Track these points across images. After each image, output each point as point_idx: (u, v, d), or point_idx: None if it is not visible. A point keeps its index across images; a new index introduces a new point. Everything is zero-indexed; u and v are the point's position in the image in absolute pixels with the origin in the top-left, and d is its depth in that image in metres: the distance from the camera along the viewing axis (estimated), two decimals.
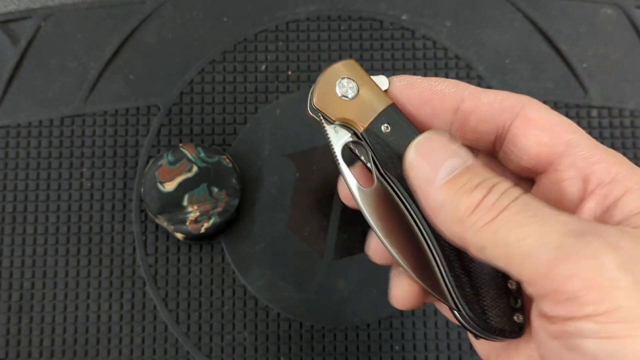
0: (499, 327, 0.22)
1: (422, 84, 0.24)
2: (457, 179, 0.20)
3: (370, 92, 0.24)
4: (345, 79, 0.25)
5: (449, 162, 0.21)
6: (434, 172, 0.21)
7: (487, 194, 0.20)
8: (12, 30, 0.43)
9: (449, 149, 0.21)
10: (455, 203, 0.20)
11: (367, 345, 0.39)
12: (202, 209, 0.38)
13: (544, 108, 0.23)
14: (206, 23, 0.43)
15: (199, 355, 0.39)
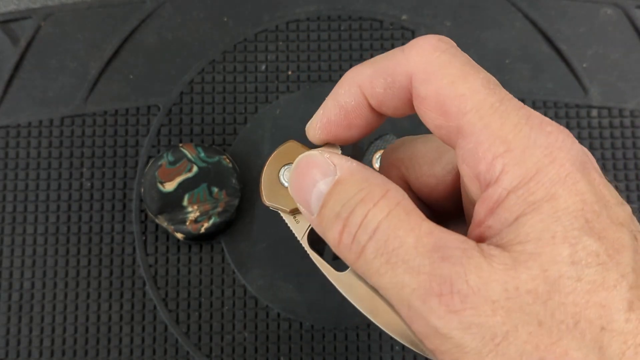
0: None
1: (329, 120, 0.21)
2: (323, 208, 0.19)
3: None
4: (288, 166, 0.23)
5: (316, 188, 0.19)
6: (307, 205, 0.19)
7: (343, 228, 0.18)
8: (12, 30, 0.43)
9: (315, 170, 0.19)
10: (326, 239, 0.19)
11: (367, 345, 0.39)
12: (202, 209, 0.38)
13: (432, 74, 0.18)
14: (206, 23, 0.43)
15: (199, 355, 0.39)
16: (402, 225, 0.17)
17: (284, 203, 0.23)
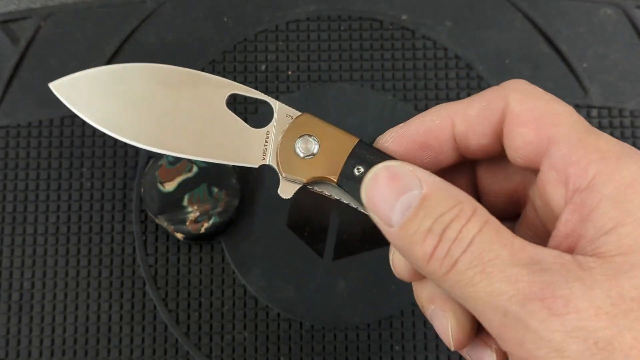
0: None
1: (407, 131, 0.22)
2: (409, 222, 0.19)
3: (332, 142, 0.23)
4: (303, 137, 0.24)
5: (401, 201, 0.19)
6: (387, 217, 0.19)
7: (438, 243, 0.18)
8: (12, 30, 0.43)
9: (399, 184, 0.19)
10: (411, 252, 0.19)
11: (367, 345, 0.39)
12: (202, 209, 0.38)
13: (530, 95, 0.20)
14: (206, 23, 0.43)
15: (199, 355, 0.39)
16: (495, 240, 0.18)
17: (300, 174, 0.24)
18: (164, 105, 0.25)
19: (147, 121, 0.25)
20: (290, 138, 0.24)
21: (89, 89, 0.25)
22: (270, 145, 0.25)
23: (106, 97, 0.25)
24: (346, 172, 0.23)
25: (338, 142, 0.23)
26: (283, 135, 0.24)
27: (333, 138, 0.24)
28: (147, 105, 0.25)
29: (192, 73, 0.25)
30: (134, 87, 0.25)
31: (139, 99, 0.25)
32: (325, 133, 0.24)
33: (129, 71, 0.25)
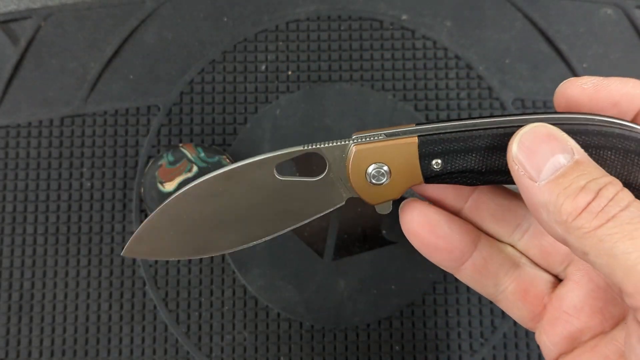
0: None
1: (608, 85, 0.23)
2: (561, 178, 0.19)
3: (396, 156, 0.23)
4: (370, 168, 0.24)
5: (553, 160, 0.20)
6: (537, 170, 0.20)
7: (593, 199, 0.19)
8: (12, 30, 0.43)
9: (555, 143, 0.20)
10: (558, 205, 0.19)
11: (367, 345, 0.39)
12: None
13: None
14: (206, 23, 0.43)
15: (199, 355, 0.39)
16: None
17: (387, 196, 0.24)
18: (226, 211, 0.25)
19: (221, 232, 0.25)
20: (359, 175, 0.24)
21: (154, 238, 0.26)
22: (342, 184, 0.25)
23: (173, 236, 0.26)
24: (427, 172, 0.23)
25: (402, 153, 0.23)
26: (350, 175, 0.24)
27: (395, 152, 0.23)
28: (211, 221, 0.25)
29: (231, 172, 0.25)
30: (188, 215, 0.26)
31: (200, 221, 0.25)
32: (384, 152, 0.23)
33: (174, 206, 0.26)
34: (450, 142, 0.23)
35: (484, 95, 0.42)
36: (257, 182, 0.25)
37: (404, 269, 0.39)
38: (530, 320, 0.25)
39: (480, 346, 0.39)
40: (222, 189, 0.25)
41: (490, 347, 0.39)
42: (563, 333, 0.24)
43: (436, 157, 0.23)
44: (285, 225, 0.25)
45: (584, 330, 0.24)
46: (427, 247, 0.25)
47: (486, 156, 0.23)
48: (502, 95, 0.42)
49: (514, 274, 0.25)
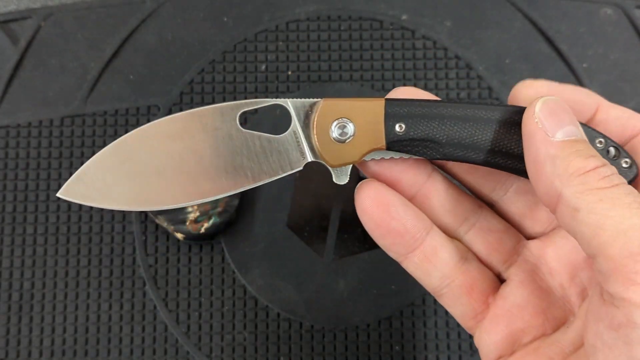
0: None
1: (562, 91, 0.24)
2: (574, 142, 0.21)
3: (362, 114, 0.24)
4: (336, 122, 0.24)
5: (569, 127, 0.21)
6: (553, 129, 0.21)
7: (601, 166, 0.20)
8: (12, 30, 0.43)
9: (572, 117, 0.22)
10: (568, 160, 0.20)
11: (367, 345, 0.39)
12: (202, 209, 0.38)
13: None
14: (206, 23, 0.43)
15: (199, 355, 0.39)
16: None
17: (348, 158, 0.24)
18: (182, 157, 0.24)
19: (175, 180, 0.24)
20: (323, 129, 0.24)
21: (98, 179, 0.24)
22: (303, 143, 0.24)
23: (120, 178, 0.24)
24: (390, 134, 0.24)
25: (369, 112, 0.24)
26: (315, 128, 0.24)
27: (362, 110, 0.24)
28: (167, 164, 0.24)
29: (193, 113, 0.24)
30: (142, 155, 0.24)
31: (155, 163, 0.24)
32: (352, 109, 0.24)
33: (127, 143, 0.24)
34: (416, 107, 0.24)
35: (484, 95, 0.42)
36: (218, 129, 0.24)
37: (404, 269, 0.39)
38: (472, 318, 0.25)
39: None
40: (182, 131, 0.24)
41: None
42: (505, 331, 0.24)
43: (400, 120, 0.23)
44: (239, 184, 0.24)
45: (525, 330, 0.24)
46: (379, 228, 0.24)
47: (448, 126, 0.23)
48: (502, 95, 0.42)
49: (462, 267, 0.25)
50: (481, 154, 0.23)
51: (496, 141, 0.23)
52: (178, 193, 0.24)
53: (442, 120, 0.23)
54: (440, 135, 0.23)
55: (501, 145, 0.23)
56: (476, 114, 0.23)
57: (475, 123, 0.23)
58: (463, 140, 0.23)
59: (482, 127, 0.23)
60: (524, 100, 0.23)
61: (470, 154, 0.23)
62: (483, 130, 0.23)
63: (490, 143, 0.23)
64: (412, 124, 0.23)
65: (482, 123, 0.23)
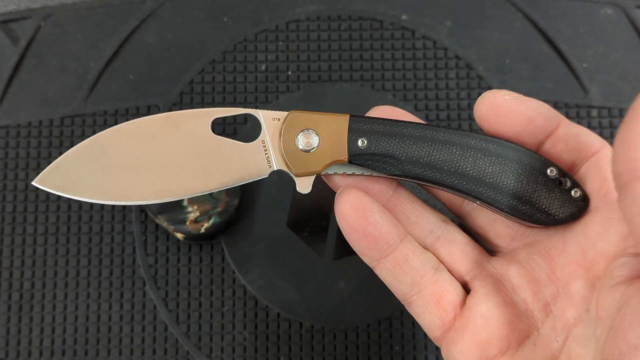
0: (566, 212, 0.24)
1: (528, 102, 0.24)
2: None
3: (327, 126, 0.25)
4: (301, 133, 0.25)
5: None
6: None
7: None
8: (12, 30, 0.43)
9: None
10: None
11: (367, 345, 0.39)
12: (202, 209, 0.38)
13: None
14: (206, 23, 0.43)
15: (199, 355, 0.39)
16: None
17: (311, 167, 0.25)
18: (155, 156, 0.25)
19: (146, 177, 0.25)
20: (289, 138, 0.25)
21: (73, 171, 0.25)
22: (270, 152, 0.26)
23: (94, 172, 0.25)
24: (352, 148, 0.25)
25: (333, 125, 0.25)
26: (282, 137, 0.25)
27: (327, 123, 0.25)
28: (140, 162, 0.25)
29: (169, 115, 0.26)
30: (118, 151, 0.25)
31: (129, 160, 0.25)
32: (318, 121, 0.25)
33: (104, 139, 0.25)
34: (378, 125, 0.25)
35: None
36: (191, 133, 0.25)
37: None
38: (440, 327, 0.26)
39: None
40: (158, 132, 0.25)
41: None
42: (470, 342, 0.25)
43: (363, 136, 0.25)
44: (208, 185, 0.25)
45: (490, 342, 0.25)
46: (355, 232, 0.25)
47: (408, 144, 0.25)
48: None
49: (432, 277, 0.26)
50: (438, 174, 0.25)
51: (452, 162, 0.25)
52: (148, 190, 0.25)
53: (402, 139, 0.25)
54: (399, 153, 0.25)
55: (457, 166, 0.25)
56: (435, 135, 0.25)
57: (433, 143, 0.25)
58: (421, 158, 0.25)
59: (439, 148, 0.25)
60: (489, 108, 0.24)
61: (427, 173, 0.25)
62: (440, 151, 0.25)
63: (447, 164, 0.25)
64: (373, 140, 0.25)
65: (440, 144, 0.25)
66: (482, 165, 0.24)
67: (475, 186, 0.25)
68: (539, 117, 0.24)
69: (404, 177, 0.25)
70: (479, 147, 0.25)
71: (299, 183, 0.26)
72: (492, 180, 0.24)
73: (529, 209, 0.24)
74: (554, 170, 0.24)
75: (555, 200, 0.24)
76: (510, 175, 0.24)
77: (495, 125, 0.25)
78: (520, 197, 0.24)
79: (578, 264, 0.23)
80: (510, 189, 0.24)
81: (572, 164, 0.25)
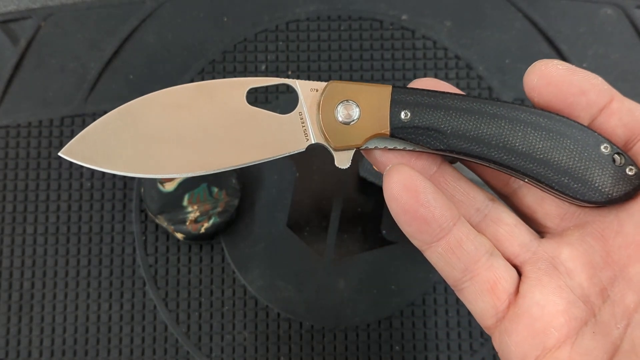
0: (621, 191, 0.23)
1: (581, 73, 0.23)
2: None
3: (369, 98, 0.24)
4: (341, 104, 0.24)
5: None
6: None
7: None
8: (12, 30, 0.43)
9: None
10: None
11: (367, 345, 0.39)
12: (202, 209, 0.38)
13: None
14: (206, 23, 0.43)
15: (199, 355, 0.39)
16: None
17: (351, 140, 0.24)
18: (188, 126, 0.24)
19: (181, 149, 0.24)
20: (329, 109, 0.24)
21: (101, 141, 0.24)
22: (308, 124, 0.24)
23: (124, 143, 0.24)
24: (395, 120, 0.24)
25: (375, 97, 0.24)
26: (320, 108, 0.24)
27: (368, 94, 0.24)
28: (171, 133, 0.24)
29: (202, 85, 0.24)
30: (149, 122, 0.24)
31: (160, 130, 0.24)
32: (359, 92, 0.24)
33: (134, 108, 0.24)
34: (422, 96, 0.24)
35: (484, 95, 0.42)
36: (226, 103, 0.24)
37: (404, 269, 0.39)
38: (493, 316, 0.25)
39: (480, 346, 0.39)
40: (191, 101, 0.24)
41: (490, 347, 0.39)
42: (525, 332, 0.23)
43: (406, 108, 0.24)
44: (243, 158, 0.24)
45: (547, 331, 0.23)
46: (406, 214, 0.24)
47: (454, 117, 0.23)
48: (502, 95, 0.42)
49: (487, 262, 0.25)
50: (485, 148, 0.23)
51: (501, 137, 0.23)
52: (180, 162, 0.24)
53: (448, 111, 0.23)
54: (445, 126, 0.23)
55: (505, 141, 0.23)
56: (482, 108, 0.23)
57: (480, 117, 0.23)
58: (468, 132, 0.23)
59: (487, 122, 0.23)
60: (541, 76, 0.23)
61: (474, 147, 0.23)
62: (488, 125, 0.23)
63: (494, 138, 0.23)
64: (417, 112, 0.23)
65: (488, 117, 0.23)
66: (532, 140, 0.23)
67: (525, 162, 0.23)
68: (593, 88, 0.23)
69: (449, 152, 0.24)
70: (528, 120, 0.23)
71: (338, 157, 0.24)
72: (542, 156, 0.23)
73: (580, 186, 0.23)
74: (608, 147, 0.23)
75: (609, 177, 0.23)
76: (561, 151, 0.23)
77: (546, 96, 0.23)
78: (571, 174, 0.23)
79: (637, 245, 0.22)
80: (562, 165, 0.23)
81: (626, 140, 0.24)
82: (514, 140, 0.23)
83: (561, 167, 0.23)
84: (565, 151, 0.23)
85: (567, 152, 0.23)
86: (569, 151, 0.23)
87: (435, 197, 0.24)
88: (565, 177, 0.23)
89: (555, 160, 0.23)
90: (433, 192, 0.24)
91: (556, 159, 0.23)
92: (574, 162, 0.23)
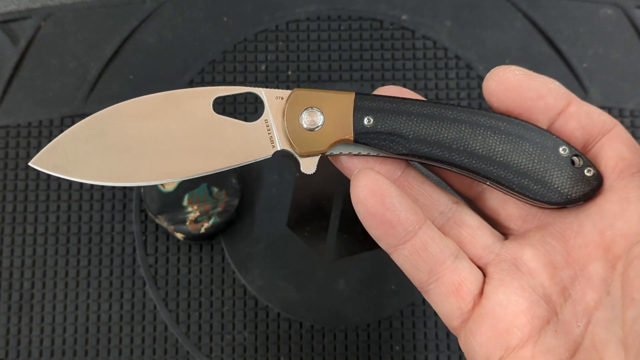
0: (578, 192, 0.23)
1: (538, 78, 0.24)
2: None
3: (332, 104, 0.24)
4: (305, 111, 0.24)
5: None
6: None
7: None
8: (12, 30, 0.43)
9: None
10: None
11: (367, 345, 0.39)
12: (202, 209, 0.38)
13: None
14: (206, 23, 0.43)
15: (199, 355, 0.39)
16: None
17: (316, 146, 0.25)
18: (155, 135, 0.25)
19: (147, 158, 0.24)
20: (293, 116, 0.25)
21: (71, 151, 0.24)
22: (274, 131, 0.25)
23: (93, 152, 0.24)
24: (358, 126, 0.24)
25: (338, 103, 0.25)
26: (285, 115, 0.25)
27: (332, 101, 0.25)
28: (139, 142, 0.25)
29: (169, 95, 0.25)
30: (117, 131, 0.25)
31: (128, 140, 0.25)
32: (322, 99, 0.25)
33: (103, 118, 0.25)
34: (384, 102, 0.24)
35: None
36: (192, 113, 0.25)
37: None
38: (458, 317, 0.25)
39: None
40: (158, 111, 0.25)
41: None
42: (491, 331, 0.24)
43: (369, 114, 0.24)
44: (210, 165, 0.25)
45: (510, 331, 0.24)
46: (372, 218, 0.24)
47: (415, 122, 0.24)
48: None
49: (452, 264, 0.25)
50: (446, 152, 0.24)
51: (461, 141, 0.24)
52: (148, 170, 0.24)
53: (410, 117, 0.24)
54: (407, 131, 0.24)
55: (466, 145, 0.24)
56: (443, 113, 0.24)
57: (441, 121, 0.24)
58: (429, 137, 0.24)
59: (448, 126, 0.24)
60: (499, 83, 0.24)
61: (436, 151, 0.24)
62: (449, 129, 0.24)
63: (455, 142, 0.24)
64: (380, 118, 0.24)
65: (449, 122, 0.24)
66: (492, 143, 0.24)
67: (485, 165, 0.24)
68: (550, 93, 0.24)
69: (412, 156, 0.24)
70: (488, 124, 0.24)
71: (304, 163, 0.25)
72: (502, 159, 0.24)
73: (540, 188, 0.23)
74: (566, 149, 0.23)
75: (568, 179, 0.23)
76: (521, 153, 0.24)
77: (505, 101, 0.24)
78: (531, 176, 0.23)
79: (596, 245, 0.23)
80: (521, 167, 0.24)
81: (584, 143, 0.24)
82: (474, 144, 0.24)
83: (521, 169, 0.24)
84: (525, 154, 0.23)
85: (526, 155, 0.23)
86: (529, 154, 0.23)
87: (401, 200, 0.24)
88: (525, 179, 0.24)
89: (515, 163, 0.24)
90: (398, 196, 0.24)
91: (516, 162, 0.24)
92: (534, 164, 0.23)
